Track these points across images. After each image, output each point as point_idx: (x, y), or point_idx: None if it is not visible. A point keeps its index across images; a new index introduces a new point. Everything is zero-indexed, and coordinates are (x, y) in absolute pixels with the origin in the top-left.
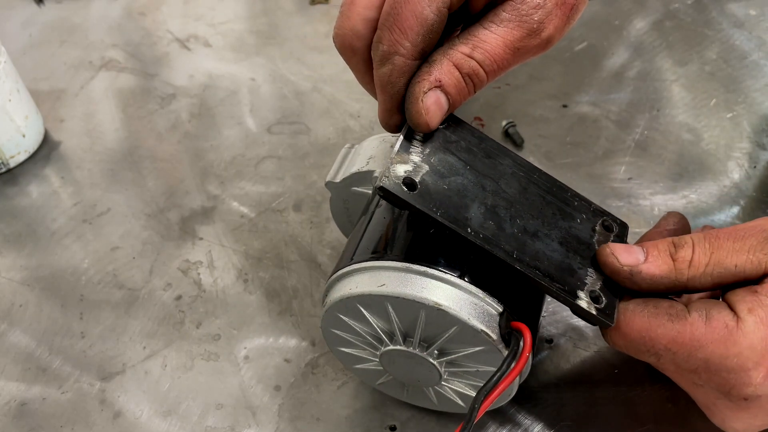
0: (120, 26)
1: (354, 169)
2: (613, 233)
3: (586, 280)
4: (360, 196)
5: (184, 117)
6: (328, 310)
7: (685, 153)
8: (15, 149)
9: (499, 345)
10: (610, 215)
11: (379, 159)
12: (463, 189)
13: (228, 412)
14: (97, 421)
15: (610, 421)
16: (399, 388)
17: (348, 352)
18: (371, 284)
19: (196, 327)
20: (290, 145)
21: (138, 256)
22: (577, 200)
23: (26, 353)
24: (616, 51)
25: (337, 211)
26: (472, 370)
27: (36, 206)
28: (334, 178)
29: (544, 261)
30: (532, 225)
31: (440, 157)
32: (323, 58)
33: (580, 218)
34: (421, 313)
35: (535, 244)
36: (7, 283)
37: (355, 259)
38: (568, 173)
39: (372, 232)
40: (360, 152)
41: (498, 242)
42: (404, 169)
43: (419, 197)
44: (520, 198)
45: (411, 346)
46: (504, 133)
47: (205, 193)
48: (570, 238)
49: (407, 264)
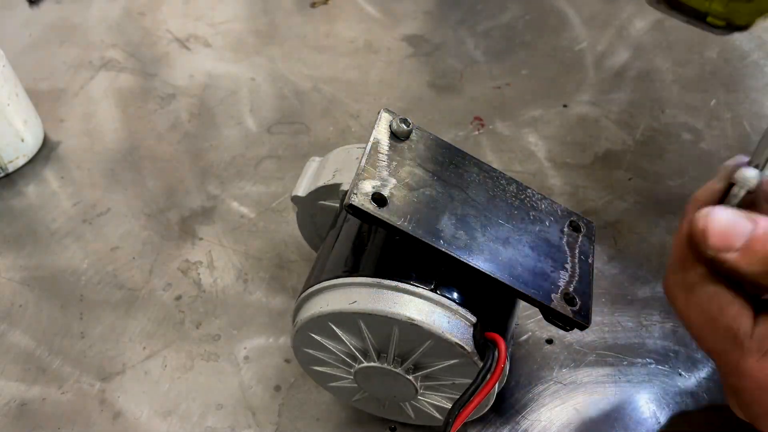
0: (120, 26)
1: (320, 182)
2: (581, 233)
3: (559, 282)
4: (327, 210)
5: (184, 117)
6: (299, 329)
7: (685, 153)
8: (14, 154)
9: (474, 357)
10: (576, 215)
11: (345, 171)
12: (432, 201)
13: (228, 413)
14: (97, 422)
15: (611, 421)
16: (375, 403)
17: (321, 371)
18: (342, 302)
19: (196, 327)
20: (290, 145)
21: (138, 256)
22: (544, 203)
23: (26, 353)
24: (616, 51)
25: (304, 225)
26: (448, 383)
27: (35, 206)
28: (299, 192)
29: (518, 267)
30: (502, 232)
31: (407, 170)
32: (323, 58)
33: (549, 221)
34: (394, 328)
35: (507, 250)
36: (7, 283)
37: (325, 276)
38: (568, 173)
39: (341, 248)
40: (326, 165)
41: (471, 252)
42: (372, 184)
43: (389, 212)
44: (488, 205)
45: (385, 363)
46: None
47: (205, 193)
48: (540, 241)
49: (378, 279)
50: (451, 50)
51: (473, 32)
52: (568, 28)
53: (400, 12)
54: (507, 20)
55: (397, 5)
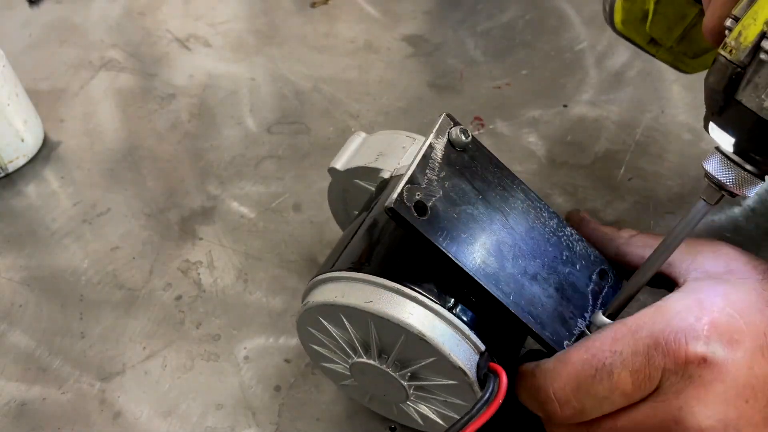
0: (120, 26)
1: (361, 162)
2: (608, 284)
3: (574, 330)
4: (361, 190)
5: (184, 117)
6: (308, 309)
7: (685, 153)
8: (14, 153)
9: (474, 386)
10: (608, 265)
11: (389, 158)
12: (472, 220)
13: (228, 413)
14: (97, 422)
15: None
16: (362, 393)
17: (319, 351)
18: (358, 297)
19: (196, 327)
20: (290, 145)
21: (138, 256)
22: (580, 245)
23: (26, 353)
24: (616, 51)
25: (334, 197)
26: (440, 399)
27: (35, 206)
28: (337, 165)
29: (539, 306)
30: (532, 267)
31: (455, 183)
32: (323, 58)
33: (580, 264)
34: (402, 336)
35: (532, 287)
36: (7, 283)
37: (346, 265)
38: (568, 173)
39: (368, 240)
40: (370, 145)
41: (498, 281)
42: (417, 191)
43: (428, 224)
44: (525, 237)
45: (384, 364)
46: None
47: (205, 193)
48: (567, 285)
49: (398, 285)
50: (451, 50)
51: (473, 32)
52: (568, 28)
53: (400, 12)
54: (507, 20)
55: (397, 5)
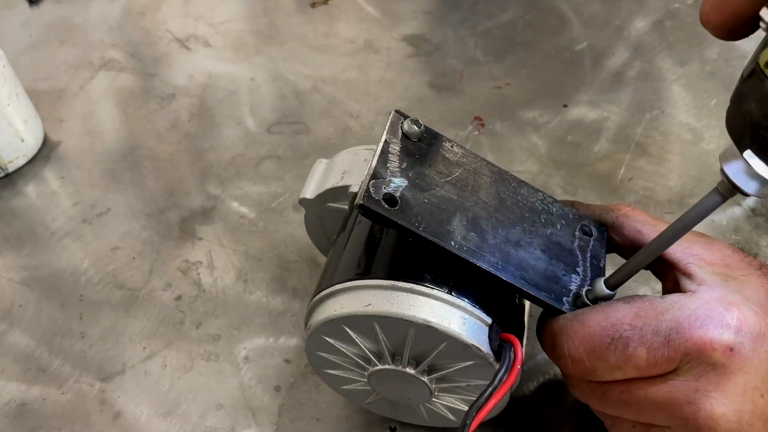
0: (120, 26)
1: (328, 184)
2: (592, 237)
3: (570, 286)
4: (336, 212)
5: (183, 117)
6: (312, 333)
7: (685, 153)
8: (14, 153)
9: (490, 359)
10: (587, 219)
11: (354, 173)
12: (443, 202)
13: (228, 413)
14: (97, 422)
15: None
16: (388, 406)
17: (335, 374)
18: (357, 304)
19: (196, 327)
20: (290, 145)
21: (138, 256)
22: (555, 206)
23: (26, 353)
24: (616, 51)
25: (312, 227)
26: (463, 385)
27: (35, 206)
28: (307, 195)
29: (529, 270)
30: (514, 234)
31: (418, 171)
32: (323, 58)
33: (560, 224)
34: (409, 331)
35: (518, 253)
36: (7, 283)
37: (337, 279)
38: (568, 173)
39: (353, 250)
40: (333, 167)
41: (482, 253)
42: (383, 184)
43: (400, 213)
44: (500, 207)
45: (400, 365)
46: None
47: (204, 193)
48: (552, 245)
49: (393, 282)
50: (451, 50)
51: (473, 32)
52: (568, 28)
53: (400, 12)
54: (507, 20)
55: (397, 5)
